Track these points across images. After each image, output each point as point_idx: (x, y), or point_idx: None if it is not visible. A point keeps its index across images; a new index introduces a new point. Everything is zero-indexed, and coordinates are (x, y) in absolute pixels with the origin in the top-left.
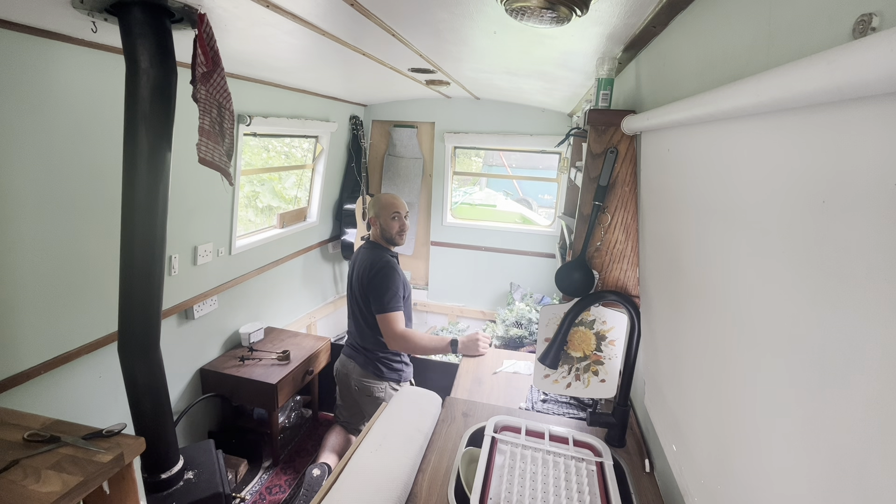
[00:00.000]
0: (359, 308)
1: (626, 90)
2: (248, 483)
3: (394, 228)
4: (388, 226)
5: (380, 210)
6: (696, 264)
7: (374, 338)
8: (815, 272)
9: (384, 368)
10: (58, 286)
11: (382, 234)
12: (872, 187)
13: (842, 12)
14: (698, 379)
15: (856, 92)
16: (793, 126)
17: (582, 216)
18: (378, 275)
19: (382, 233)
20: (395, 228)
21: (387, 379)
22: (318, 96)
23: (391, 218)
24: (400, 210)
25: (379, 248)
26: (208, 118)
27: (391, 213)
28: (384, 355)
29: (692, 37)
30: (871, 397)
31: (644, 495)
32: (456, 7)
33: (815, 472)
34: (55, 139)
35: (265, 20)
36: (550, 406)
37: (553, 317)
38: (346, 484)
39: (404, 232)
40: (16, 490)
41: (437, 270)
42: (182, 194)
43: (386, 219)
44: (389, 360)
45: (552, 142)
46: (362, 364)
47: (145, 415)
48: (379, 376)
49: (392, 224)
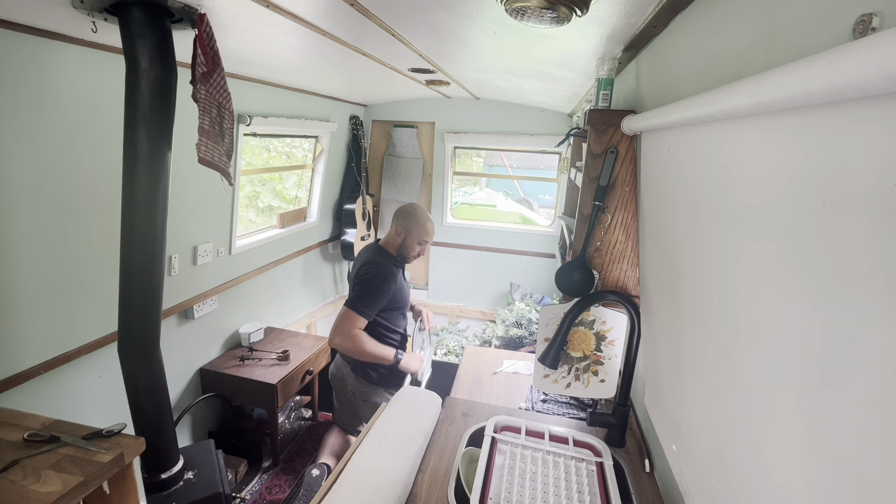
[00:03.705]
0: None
1: (626, 90)
2: (248, 483)
3: (414, 251)
4: (411, 246)
5: (413, 227)
6: (697, 264)
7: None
8: (815, 272)
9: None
10: (57, 286)
11: (401, 247)
12: (872, 187)
13: (842, 12)
14: (698, 379)
15: (856, 92)
16: (793, 126)
17: (582, 216)
18: (369, 277)
19: (401, 247)
20: (416, 252)
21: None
22: (318, 96)
23: (418, 242)
24: (430, 240)
25: (385, 254)
26: (208, 118)
27: (422, 238)
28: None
29: (692, 37)
30: (871, 397)
31: (644, 495)
32: (456, 7)
33: (814, 471)
34: (55, 139)
35: (265, 20)
36: (550, 406)
37: (553, 317)
38: (346, 484)
39: (420, 256)
40: (16, 490)
41: (437, 270)
42: (182, 194)
43: (413, 239)
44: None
45: (552, 142)
46: (356, 369)
47: (145, 415)
48: (371, 381)
49: (415, 247)
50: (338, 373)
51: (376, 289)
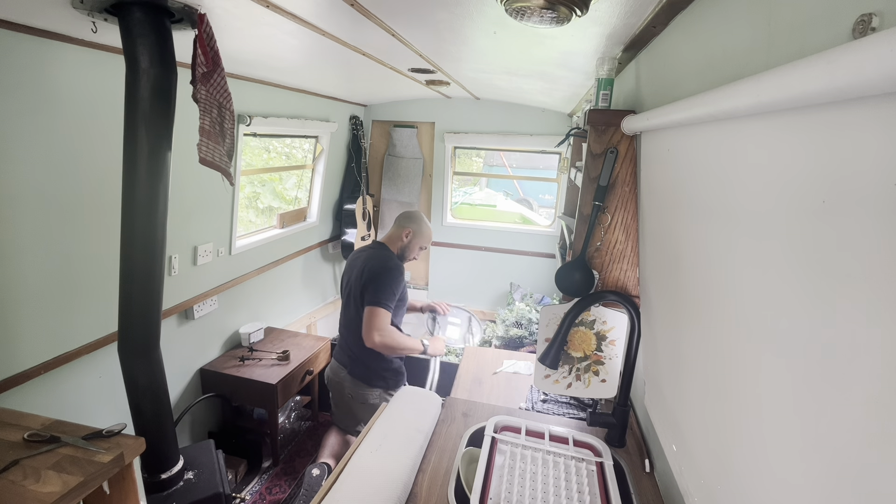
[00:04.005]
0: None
1: (626, 90)
2: (248, 483)
3: (413, 253)
4: (413, 248)
5: (421, 231)
6: (697, 264)
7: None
8: (815, 272)
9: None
10: (58, 286)
11: (404, 248)
12: (873, 187)
13: (842, 12)
14: (698, 379)
15: (856, 92)
16: (793, 126)
17: (582, 216)
18: (385, 272)
19: (405, 248)
20: (414, 255)
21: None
22: (319, 96)
23: (420, 247)
24: (427, 247)
25: (389, 251)
26: (208, 118)
27: (423, 244)
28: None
29: (692, 37)
30: (871, 397)
31: (644, 495)
32: (456, 7)
33: (814, 471)
34: (55, 139)
35: (265, 20)
36: (550, 406)
37: (553, 317)
38: (346, 484)
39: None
40: (16, 490)
41: (438, 270)
42: (182, 194)
43: (417, 243)
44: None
45: (552, 142)
46: (353, 373)
47: (145, 415)
48: (372, 384)
49: (416, 251)
50: (334, 377)
51: (393, 281)
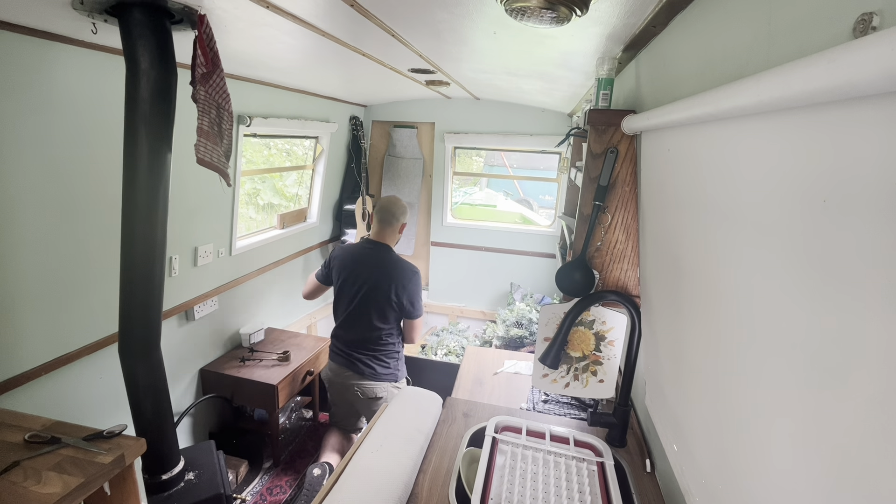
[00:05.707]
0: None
1: (626, 90)
2: (248, 484)
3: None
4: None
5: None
6: (698, 264)
7: (382, 338)
8: (815, 271)
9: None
10: (58, 287)
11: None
12: (873, 187)
13: (842, 12)
14: (699, 379)
15: (856, 91)
16: (793, 125)
17: (582, 216)
18: (415, 280)
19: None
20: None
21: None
22: (318, 97)
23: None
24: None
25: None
26: (207, 119)
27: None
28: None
29: (692, 37)
30: (871, 397)
31: (645, 495)
32: (456, 7)
33: (815, 471)
34: (55, 140)
35: (265, 21)
36: (551, 406)
37: (553, 316)
38: (347, 484)
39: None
40: (17, 491)
41: (438, 270)
42: (182, 195)
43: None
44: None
45: (552, 142)
46: (362, 372)
47: (146, 416)
48: (378, 378)
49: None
50: (335, 378)
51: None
